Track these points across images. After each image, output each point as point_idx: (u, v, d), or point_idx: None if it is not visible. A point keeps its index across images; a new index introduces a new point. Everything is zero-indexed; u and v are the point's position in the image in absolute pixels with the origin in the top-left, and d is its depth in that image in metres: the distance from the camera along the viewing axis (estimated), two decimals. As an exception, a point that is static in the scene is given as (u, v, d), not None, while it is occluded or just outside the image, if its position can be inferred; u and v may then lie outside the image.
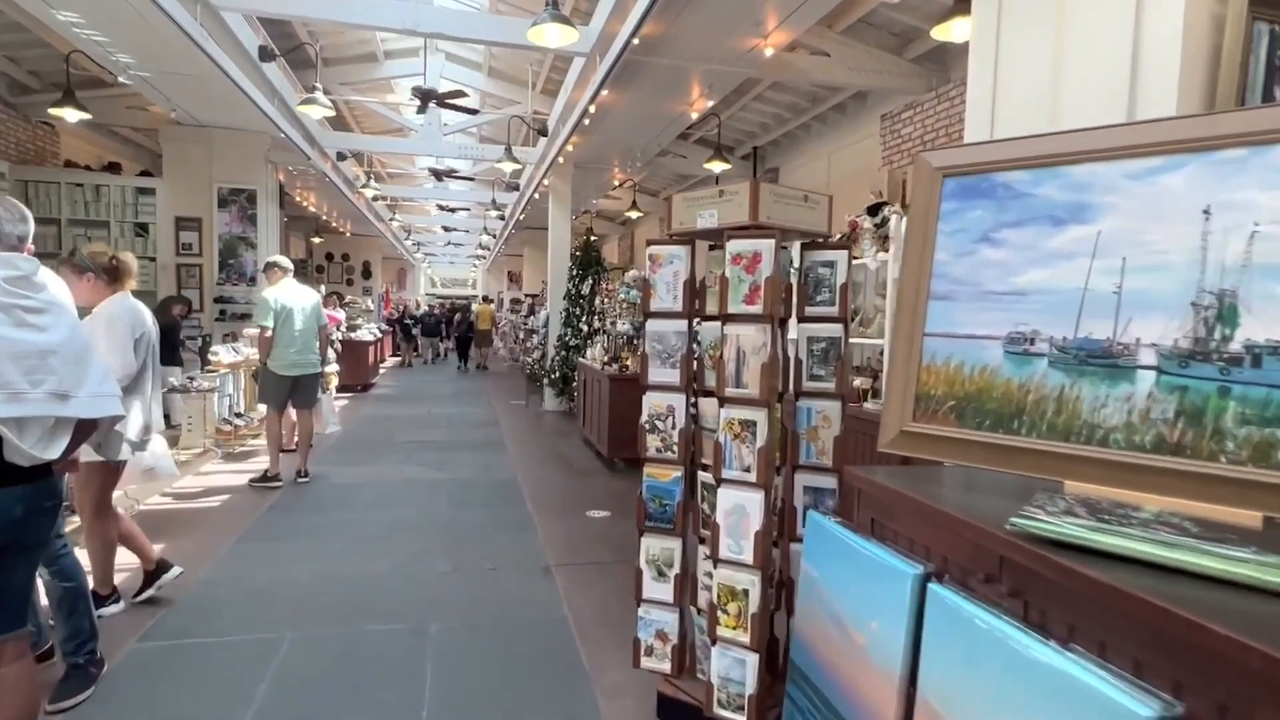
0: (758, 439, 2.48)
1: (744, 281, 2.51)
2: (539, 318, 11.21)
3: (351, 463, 7.42)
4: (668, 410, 2.85)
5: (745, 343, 2.50)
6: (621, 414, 7.15)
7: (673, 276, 2.83)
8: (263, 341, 6.16)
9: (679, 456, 2.86)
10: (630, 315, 7.61)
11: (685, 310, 2.82)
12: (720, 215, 2.65)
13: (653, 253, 2.87)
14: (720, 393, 2.57)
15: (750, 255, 2.49)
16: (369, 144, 11.40)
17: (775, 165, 11.34)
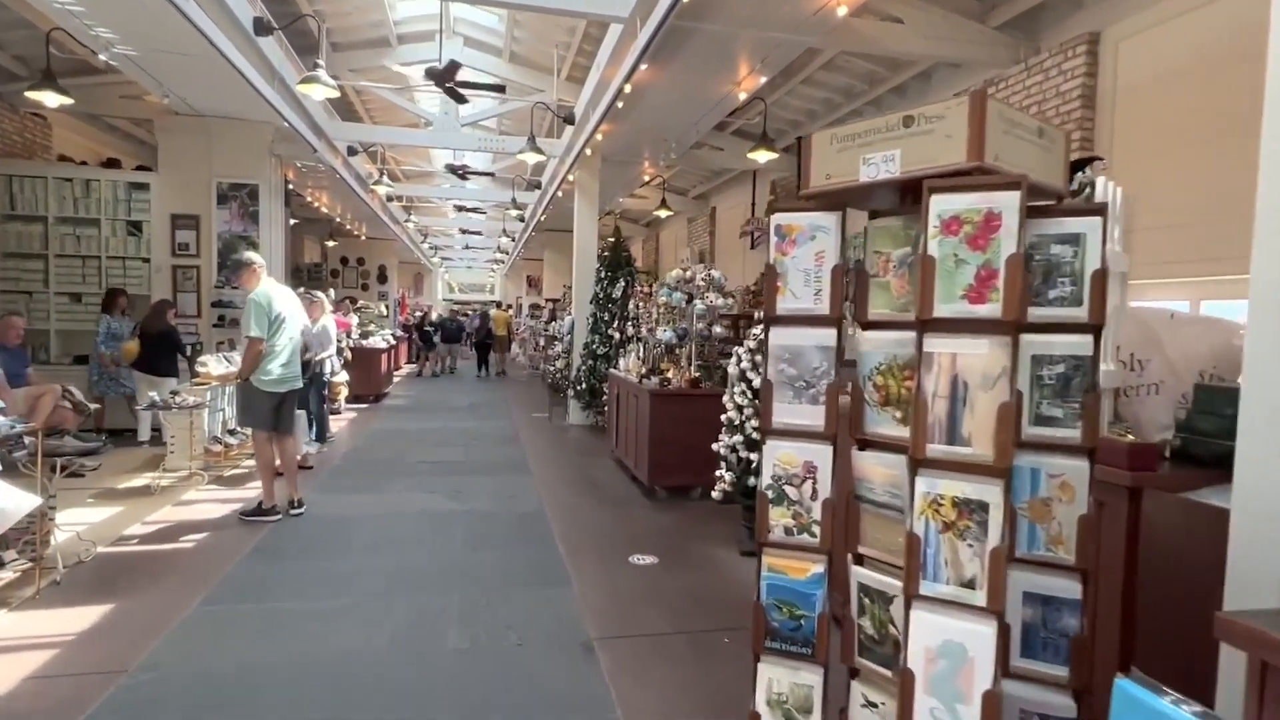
0: (989, 534, 1.43)
1: (966, 264, 1.45)
2: (563, 324, 10.21)
3: (354, 488, 6.41)
4: (805, 470, 1.80)
5: (967, 367, 1.45)
6: (665, 435, 6.10)
7: (814, 260, 1.78)
8: (254, 354, 5.17)
9: (822, 542, 1.81)
10: (672, 321, 6.56)
11: (833, 312, 1.77)
12: (907, 157, 1.60)
13: (783, 222, 1.81)
14: (917, 451, 1.51)
15: (979, 219, 1.44)
16: (381, 135, 10.45)
17: (821, 158, 10.26)
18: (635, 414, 6.56)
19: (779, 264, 1.79)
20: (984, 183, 1.44)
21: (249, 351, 5.19)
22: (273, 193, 9.45)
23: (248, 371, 5.20)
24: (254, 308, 5.19)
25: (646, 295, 7.82)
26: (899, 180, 1.60)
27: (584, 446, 8.77)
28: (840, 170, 1.71)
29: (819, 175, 1.76)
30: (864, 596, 1.75)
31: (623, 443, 7.24)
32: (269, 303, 5.27)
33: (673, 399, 6.13)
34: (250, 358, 5.16)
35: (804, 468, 1.78)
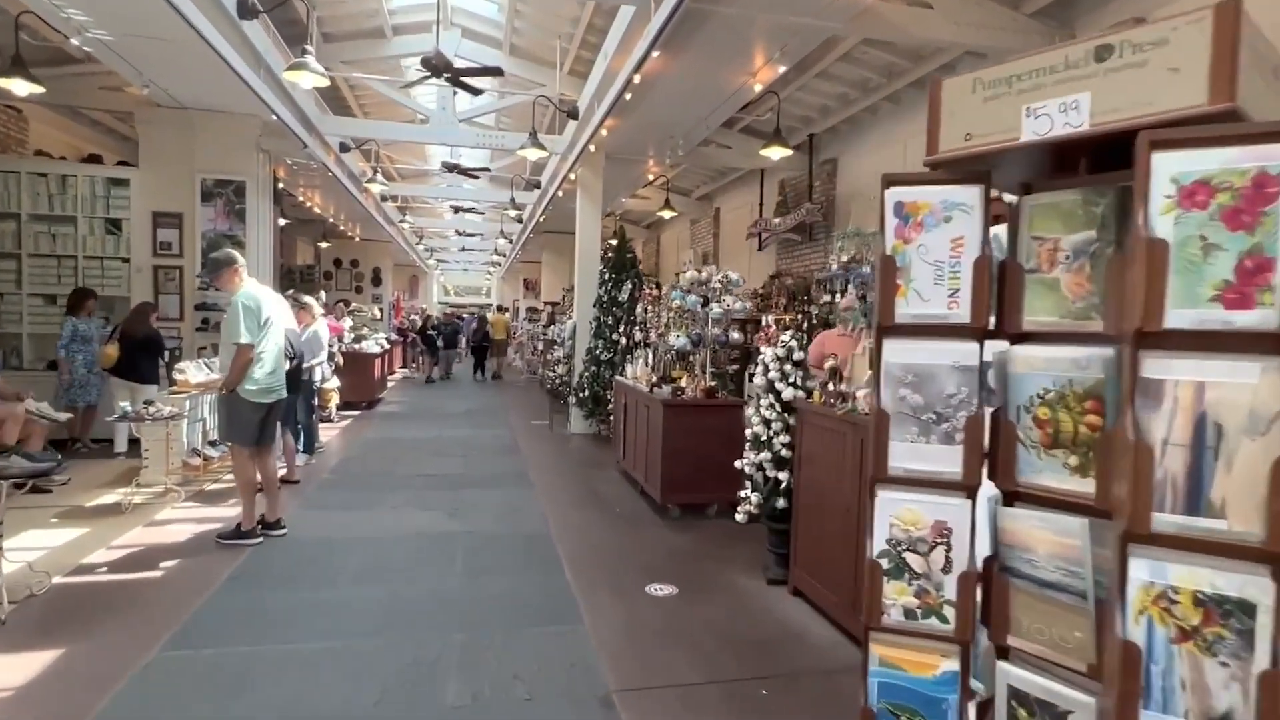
0: (1256, 650, 0.97)
1: (1220, 251, 0.99)
2: (564, 328, 9.73)
3: (344, 505, 5.91)
4: (934, 532, 1.33)
5: (1223, 403, 0.99)
6: (679, 449, 5.63)
7: (948, 249, 1.31)
8: (243, 362, 4.66)
9: (958, 629, 1.34)
10: (686, 326, 6.09)
11: (978, 320, 1.30)
12: (1101, 102, 1.13)
13: (905, 199, 1.35)
14: (1137, 522, 1.04)
15: (1244, 185, 0.98)
16: (373, 130, 9.95)
17: (833, 156, 9.83)
18: (645, 425, 6.09)
19: (899, 254, 1.33)
20: (1248, 132, 0.98)
21: (238, 359, 4.67)
22: (261, 190, 8.95)
23: (236, 381, 4.68)
24: (243, 311, 4.68)
25: (655, 298, 7.35)
26: (1087, 136, 1.13)
27: (587, 457, 8.28)
28: (987, 127, 1.25)
29: (953, 135, 1.30)
30: (1017, 706, 1.27)
31: (630, 455, 6.76)
32: (258, 305, 4.78)
33: (687, 410, 5.65)
34: (240, 366, 4.65)
35: (933, 529, 1.32)
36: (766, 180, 11.27)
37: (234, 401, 4.81)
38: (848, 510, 3.65)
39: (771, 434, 4.33)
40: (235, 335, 4.65)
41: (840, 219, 9.71)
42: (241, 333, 4.61)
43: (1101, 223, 1.17)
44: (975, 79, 1.28)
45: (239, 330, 4.64)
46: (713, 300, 5.81)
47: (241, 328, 4.64)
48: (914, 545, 1.33)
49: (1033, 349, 1.25)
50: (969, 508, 1.30)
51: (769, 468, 4.34)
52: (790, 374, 4.32)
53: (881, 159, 8.77)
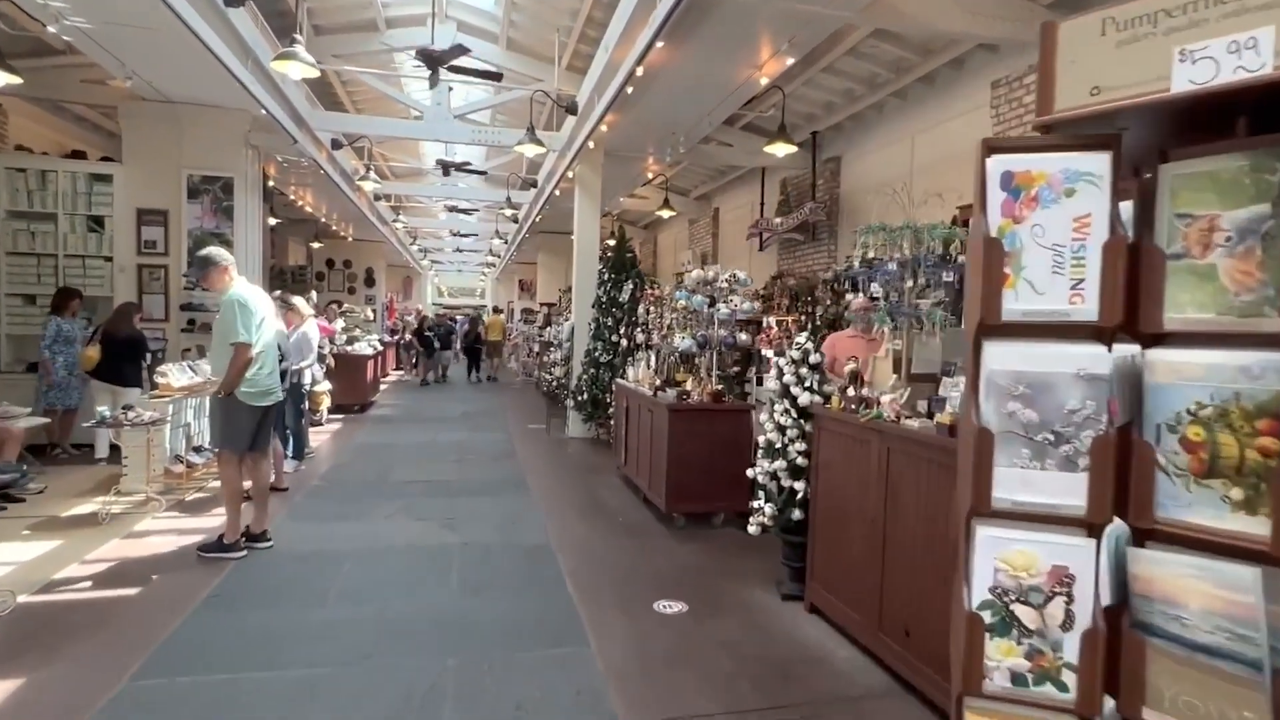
0: None
1: None
2: (562, 329, 9.46)
3: (333, 515, 5.62)
4: (1052, 580, 1.08)
5: None
6: (685, 456, 5.37)
7: (1069, 231, 1.06)
8: (242, 362, 4.39)
9: (1081, 701, 1.08)
10: (691, 328, 5.84)
11: (1107, 318, 1.05)
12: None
13: (1015, 168, 1.10)
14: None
15: None
16: (366, 125, 9.65)
17: (836, 154, 9.60)
18: (650, 431, 5.83)
19: (1007, 236, 1.08)
20: None
21: (237, 360, 4.38)
22: (250, 187, 8.65)
23: (234, 383, 4.40)
24: (238, 310, 4.40)
25: (657, 299, 7.09)
26: (1271, 82, 0.88)
27: (587, 462, 8.01)
28: (1123, 77, 0.99)
29: (1075, 89, 1.04)
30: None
31: (633, 461, 6.49)
32: (252, 304, 4.51)
33: (693, 415, 5.39)
34: (239, 367, 4.38)
35: (1050, 576, 1.06)
36: (768, 179, 11.04)
37: (230, 405, 4.55)
38: (872, 523, 3.40)
39: (786, 441, 4.08)
40: (233, 335, 4.37)
41: (844, 218, 9.49)
42: (239, 331, 4.34)
43: (1278, 195, 0.93)
44: (1106, 18, 1.03)
45: (236, 329, 4.36)
46: (719, 300, 5.55)
47: (239, 326, 4.37)
48: (1025, 595, 1.08)
49: (1183, 354, 1.00)
50: (1095, 550, 1.05)
51: (784, 477, 4.09)
52: (806, 377, 4.07)
53: (887, 157, 8.55)
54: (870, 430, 3.42)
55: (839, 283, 7.18)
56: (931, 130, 7.81)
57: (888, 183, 8.62)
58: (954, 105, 7.45)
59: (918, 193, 8.34)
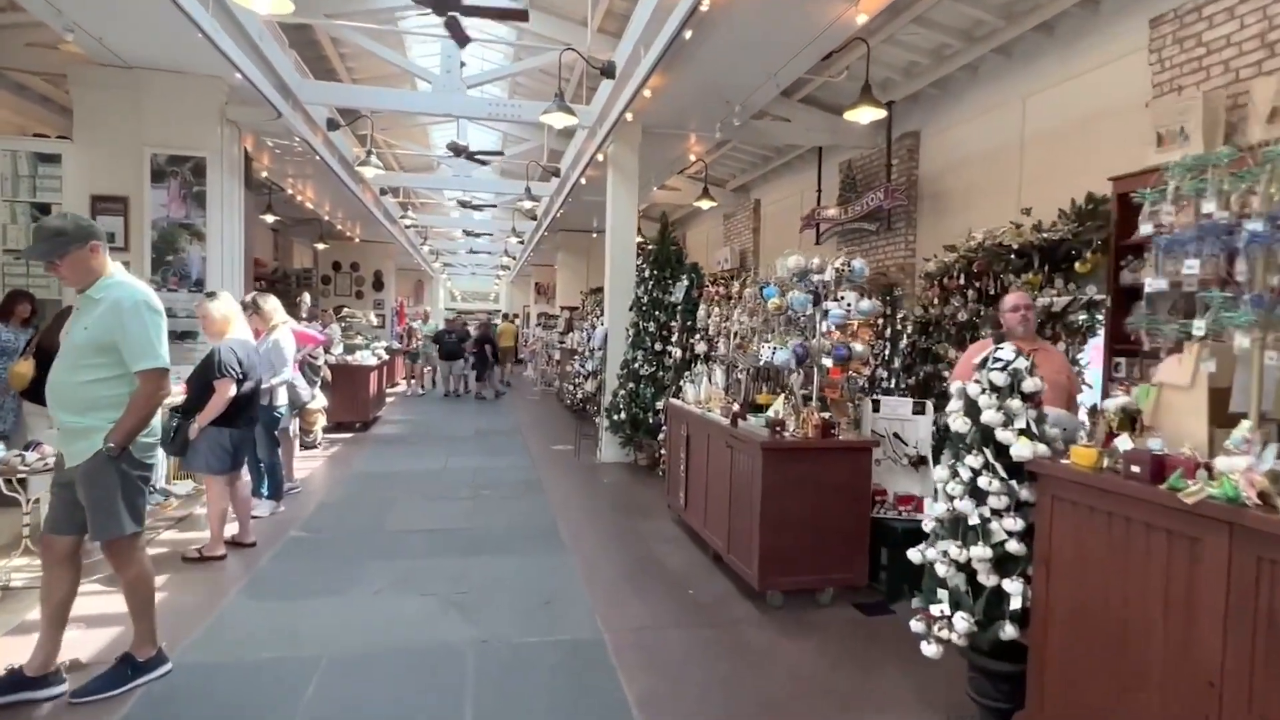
0: None
1: None
2: (595, 335, 7.97)
3: (304, 590, 4.13)
4: None
5: None
6: (785, 512, 3.85)
7: None
8: (157, 399, 2.86)
9: None
10: (781, 334, 4.33)
11: None
12: None
13: None
14: None
15: None
16: (363, 97, 8.21)
17: (914, 128, 8.07)
18: (727, 472, 4.31)
19: None
20: None
21: (150, 396, 2.79)
22: (227, 169, 7.23)
23: (139, 429, 2.85)
24: (147, 315, 2.87)
25: (723, 298, 5.58)
26: None
27: (630, 499, 6.51)
28: None
29: None
30: None
31: (697, 506, 4.99)
32: (159, 307, 3.01)
33: (795, 456, 3.88)
34: (153, 404, 2.84)
35: None
36: (826, 161, 9.52)
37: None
38: (1207, 687, 1.88)
39: (988, 515, 2.57)
40: (142, 355, 2.83)
41: (925, 204, 7.96)
42: (154, 350, 2.83)
43: None
44: None
45: (150, 347, 2.84)
46: (825, 297, 4.05)
47: (152, 341, 2.86)
48: None
49: None
50: None
51: (984, 571, 2.58)
52: (1018, 414, 2.55)
53: (983, 127, 7.02)
54: (1203, 521, 1.90)
55: (952, 275, 5.65)
56: (1051, 89, 6.26)
57: (983, 158, 7.11)
58: (1087, 56, 5.91)
59: (1033, 165, 6.84)
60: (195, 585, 4.13)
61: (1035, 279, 5.05)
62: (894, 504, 4.19)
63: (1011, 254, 5.26)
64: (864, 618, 3.93)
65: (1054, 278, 5.08)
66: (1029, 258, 5.17)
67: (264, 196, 12.31)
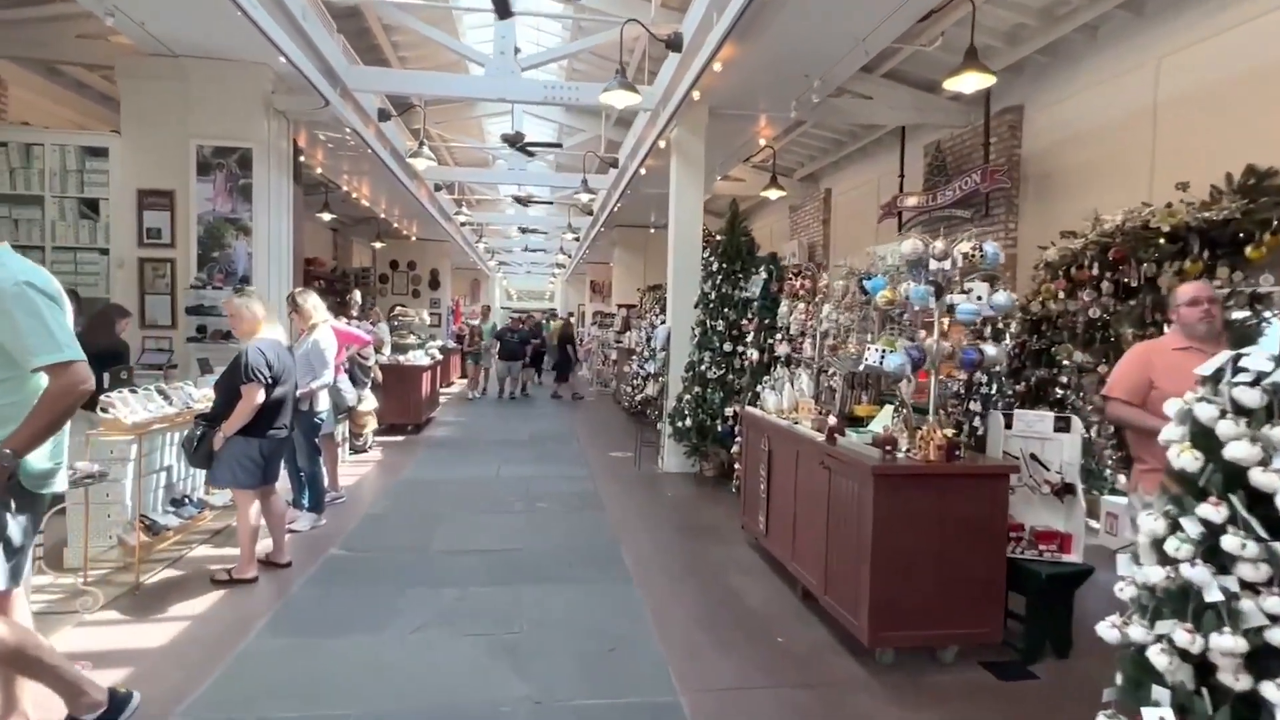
0: None
1: None
2: (656, 335, 7.35)
3: (335, 624, 3.61)
4: None
5: None
6: (901, 553, 3.13)
7: None
8: (75, 394, 2.33)
9: None
10: (889, 335, 3.61)
11: None
12: None
13: None
14: None
15: None
16: (414, 82, 7.75)
17: (1016, 103, 7.16)
18: (825, 500, 3.61)
19: None
20: None
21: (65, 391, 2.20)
22: (274, 161, 6.89)
23: (45, 436, 2.29)
24: (40, 300, 2.23)
25: (808, 291, 4.87)
26: None
27: (699, 517, 5.84)
28: None
29: None
30: None
31: (782, 534, 4.29)
32: (55, 290, 2.39)
33: (916, 484, 3.15)
34: (68, 401, 2.30)
35: None
36: (909, 144, 8.64)
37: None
38: None
39: (1239, 590, 1.81)
40: (43, 348, 2.23)
41: (1030, 186, 7.05)
42: (57, 340, 2.26)
43: None
44: None
45: (51, 336, 2.20)
46: (947, 290, 3.30)
47: (53, 329, 2.24)
48: None
49: None
50: None
51: (1230, 668, 1.82)
52: None
53: (1103, 97, 6.09)
54: None
55: (1081, 264, 4.79)
56: (1193, 48, 5.31)
57: (1104, 132, 6.17)
58: (1239, 6, 4.96)
59: (1170, 137, 5.88)
60: (218, 616, 3.67)
61: (1194, 267, 4.17)
62: (1033, 541, 3.41)
63: (1161, 238, 4.38)
64: (997, 682, 3.18)
65: (1216, 265, 4.19)
66: (1184, 242, 4.29)
67: (320, 195, 12.14)
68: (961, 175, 7.40)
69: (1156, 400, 3.05)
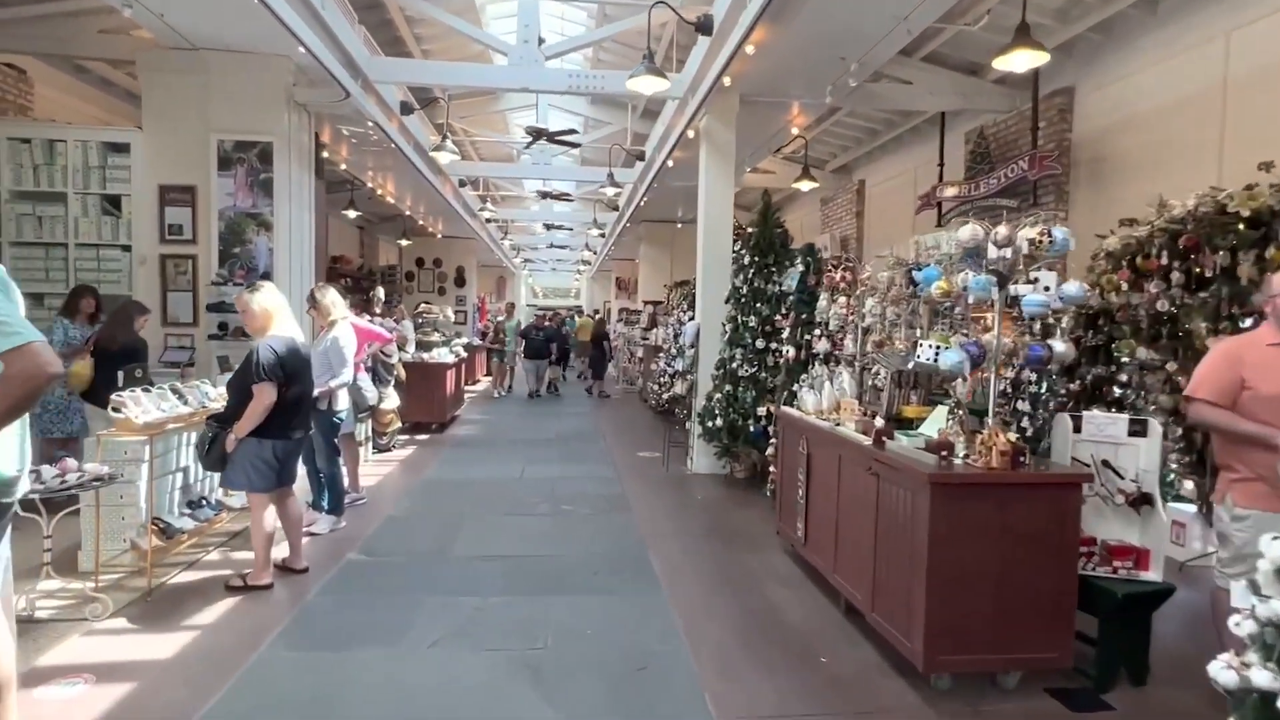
0: None
1: None
2: (685, 331, 7.07)
3: (351, 635, 3.41)
4: None
5: None
6: (961, 568, 2.84)
7: None
8: (263, 405, 2.14)
9: None
10: (942, 330, 3.31)
11: None
12: None
13: None
14: None
15: None
16: (436, 73, 7.57)
17: (1066, 84, 6.76)
18: (873, 509, 3.33)
19: None
20: None
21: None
22: (295, 156, 6.76)
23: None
24: None
25: (847, 283, 4.57)
26: None
27: (730, 521, 5.57)
28: None
29: None
30: None
31: (823, 543, 4.01)
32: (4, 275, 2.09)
33: (981, 493, 2.86)
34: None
35: None
36: (949, 131, 8.26)
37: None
38: None
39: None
40: None
41: (1082, 171, 6.65)
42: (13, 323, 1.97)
43: None
44: None
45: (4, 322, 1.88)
46: (1011, 279, 2.99)
47: None
48: None
49: None
50: None
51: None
52: None
53: (1165, 75, 5.68)
54: None
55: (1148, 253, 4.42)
56: (1271, 18, 4.90)
57: (1165, 112, 5.77)
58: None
59: (1241, 116, 5.46)
60: (230, 625, 3.50)
61: (1279, 254, 3.78)
62: (1106, 557, 3.09)
63: (1240, 223, 3.99)
64: (1067, 712, 2.87)
65: (1303, 253, 3.80)
66: (1267, 227, 3.90)
67: (345, 193, 12.07)
68: (1006, 162, 7.02)
69: (1249, 402, 2.73)
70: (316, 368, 4.60)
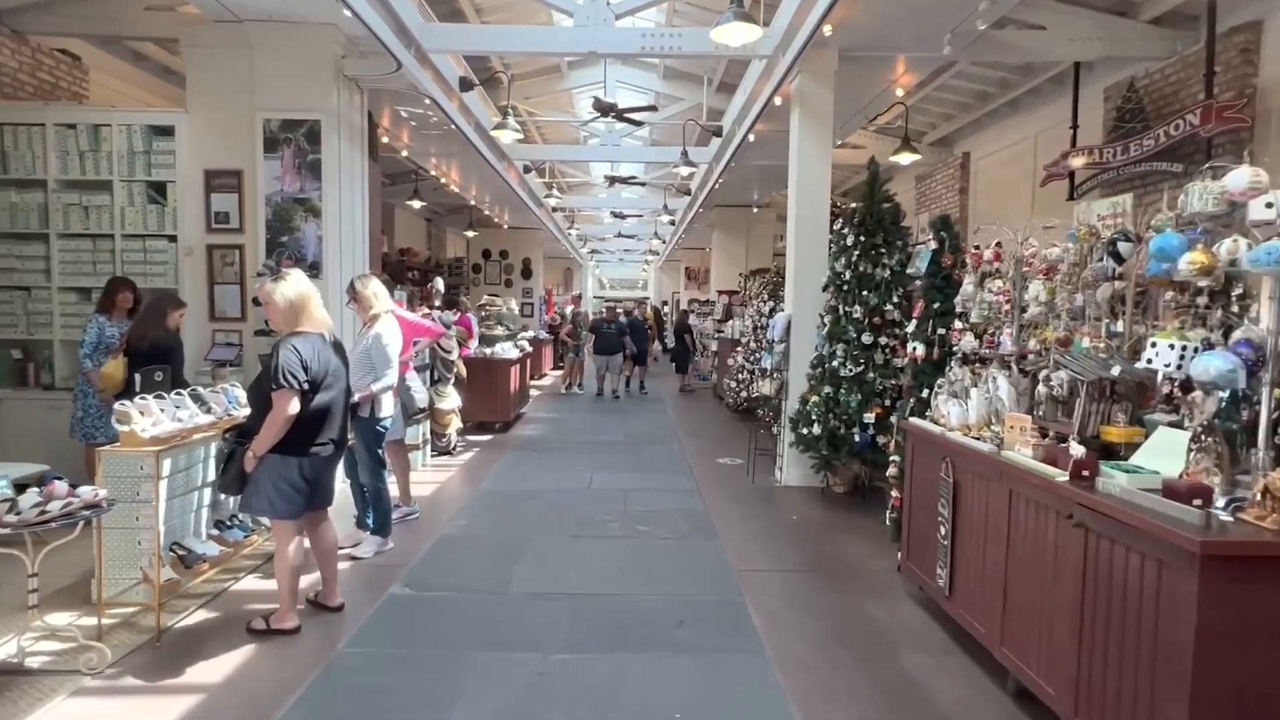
0: None
1: None
2: (775, 323, 6.15)
3: (385, 699, 2.70)
4: None
5: None
6: (1247, 687, 1.88)
7: None
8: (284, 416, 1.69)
9: None
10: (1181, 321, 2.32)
11: None
12: None
13: None
14: None
15: None
16: (494, 38, 6.83)
17: (1253, 18, 5.48)
18: (1078, 574, 2.38)
19: None
20: None
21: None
22: (347, 134, 6.18)
23: None
24: None
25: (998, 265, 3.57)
26: None
27: (836, 551, 4.65)
28: None
29: None
30: None
31: (983, 602, 3.08)
32: None
33: (1276, 575, 1.88)
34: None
35: None
36: (1084, 87, 6.99)
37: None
38: None
39: None
40: None
41: (1271, 129, 5.36)
42: None
43: None
44: None
45: None
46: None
47: None
48: None
49: None
50: None
51: None
52: None
53: None
54: None
55: None
56: None
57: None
58: None
59: None
60: (243, 683, 2.87)
61: None
62: None
63: None
64: None
65: None
66: None
67: (410, 183, 11.64)
68: (1168, 119, 5.78)
69: None
70: (357, 369, 3.96)
